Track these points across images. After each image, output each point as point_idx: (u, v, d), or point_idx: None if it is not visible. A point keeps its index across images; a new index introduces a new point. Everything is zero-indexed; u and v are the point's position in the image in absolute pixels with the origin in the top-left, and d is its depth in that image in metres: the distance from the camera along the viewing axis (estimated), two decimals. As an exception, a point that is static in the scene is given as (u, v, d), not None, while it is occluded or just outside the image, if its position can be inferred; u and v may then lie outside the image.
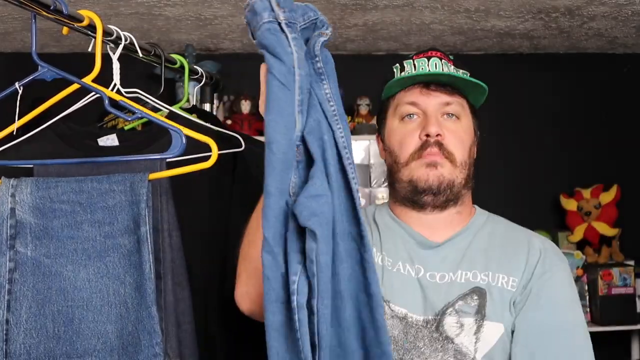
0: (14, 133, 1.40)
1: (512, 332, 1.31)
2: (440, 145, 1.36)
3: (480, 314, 1.31)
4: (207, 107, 2.43)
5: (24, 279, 1.25)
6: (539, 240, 1.41)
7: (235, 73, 3.62)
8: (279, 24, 1.00)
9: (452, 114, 1.39)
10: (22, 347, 1.22)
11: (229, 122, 3.45)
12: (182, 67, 1.76)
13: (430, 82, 1.39)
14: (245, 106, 3.57)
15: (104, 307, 1.24)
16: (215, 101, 2.46)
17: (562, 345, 1.30)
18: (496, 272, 1.35)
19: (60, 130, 1.46)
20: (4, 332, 1.23)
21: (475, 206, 1.48)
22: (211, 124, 1.59)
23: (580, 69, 3.88)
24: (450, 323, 1.30)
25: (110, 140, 1.47)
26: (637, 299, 3.43)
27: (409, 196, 1.39)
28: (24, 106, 1.36)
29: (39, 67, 1.34)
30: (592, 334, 1.37)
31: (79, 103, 1.45)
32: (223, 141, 1.41)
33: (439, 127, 1.36)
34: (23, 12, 1.28)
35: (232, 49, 3.70)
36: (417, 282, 1.34)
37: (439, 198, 1.37)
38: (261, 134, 3.46)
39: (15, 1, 1.17)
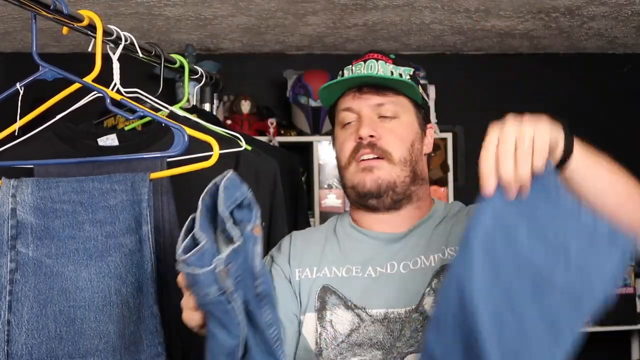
0: (16, 133, 1.40)
1: None
2: (373, 145, 1.36)
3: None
4: (207, 107, 2.42)
5: (25, 279, 1.25)
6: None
7: (235, 73, 3.63)
8: (226, 296, 0.99)
9: (387, 116, 1.39)
10: (24, 348, 1.22)
11: (229, 122, 3.45)
12: (182, 67, 1.76)
13: (363, 85, 1.40)
14: (245, 106, 3.57)
15: (106, 306, 1.24)
16: (215, 101, 2.46)
17: None
18: (450, 245, 1.35)
19: (60, 131, 1.46)
20: (6, 332, 1.22)
21: (434, 198, 1.49)
22: (211, 124, 1.59)
23: (580, 69, 3.88)
24: (429, 303, 1.30)
25: (110, 140, 1.47)
26: (637, 299, 3.43)
27: (357, 200, 1.41)
28: (24, 106, 1.36)
29: (40, 67, 1.34)
30: (592, 334, 1.38)
31: (79, 103, 1.45)
32: (224, 141, 1.41)
33: (372, 129, 1.36)
34: (23, 12, 1.28)
35: (232, 49, 3.70)
36: (390, 277, 1.34)
37: (383, 200, 1.37)
38: (261, 134, 3.46)
39: (15, 1, 1.17)
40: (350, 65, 1.44)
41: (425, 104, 1.46)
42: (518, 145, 1.01)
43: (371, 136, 1.36)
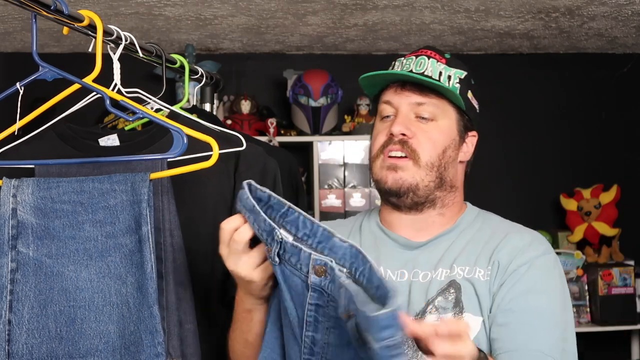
0: (16, 133, 1.40)
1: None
2: (404, 143, 1.35)
3: (458, 307, 1.30)
4: (207, 107, 2.42)
5: (25, 279, 1.25)
6: (519, 235, 1.37)
7: (235, 73, 3.63)
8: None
9: (425, 117, 1.37)
10: (25, 348, 1.22)
11: (229, 122, 3.45)
12: (182, 67, 1.76)
13: (406, 82, 1.38)
14: (245, 106, 3.57)
15: (106, 307, 1.24)
16: (215, 101, 2.46)
17: (526, 324, 1.25)
18: (474, 265, 1.33)
19: (61, 131, 1.45)
20: (7, 332, 1.22)
21: (467, 203, 1.47)
22: (212, 124, 1.59)
23: (580, 69, 3.88)
24: (431, 320, 1.29)
25: (111, 140, 1.47)
26: (637, 299, 3.43)
27: (381, 195, 1.42)
28: (24, 106, 1.35)
29: (40, 67, 1.34)
30: (592, 334, 1.37)
31: (80, 103, 1.45)
32: (224, 141, 1.41)
33: (405, 127, 1.35)
34: (23, 12, 1.29)
35: (232, 49, 3.70)
36: (399, 286, 1.32)
37: (403, 200, 1.36)
38: (261, 134, 3.46)
39: (16, 1, 1.17)
40: (402, 58, 1.42)
41: (471, 110, 1.43)
42: None
43: (403, 134, 1.35)
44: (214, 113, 2.40)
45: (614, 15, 3.10)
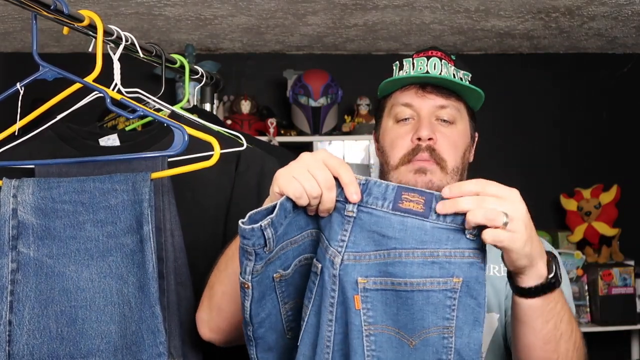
0: (16, 133, 1.40)
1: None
2: (432, 150, 1.33)
3: None
4: (207, 107, 2.43)
5: (26, 279, 1.25)
6: None
7: (235, 73, 3.63)
8: None
9: (447, 120, 1.36)
10: (26, 348, 1.22)
11: (229, 122, 3.45)
12: (182, 67, 1.76)
13: (427, 84, 1.36)
14: (245, 106, 3.57)
15: (107, 306, 1.23)
16: (215, 101, 2.46)
17: None
18: (489, 262, 1.33)
19: (61, 131, 1.45)
20: (7, 333, 1.22)
21: None
22: (212, 124, 1.59)
23: (580, 69, 3.88)
24: None
25: (111, 140, 1.47)
26: (637, 299, 3.43)
27: None
28: (24, 106, 1.35)
29: (40, 67, 1.34)
30: (592, 334, 1.38)
31: (80, 103, 1.44)
32: (224, 141, 1.41)
33: (432, 131, 1.33)
34: (23, 12, 1.29)
35: (232, 49, 3.70)
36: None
37: None
38: (261, 134, 3.46)
39: (16, 1, 1.17)
40: (411, 59, 1.39)
41: (475, 113, 1.44)
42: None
43: (430, 139, 1.33)
44: (214, 113, 2.40)
45: (614, 15, 3.10)
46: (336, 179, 1.04)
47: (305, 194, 1.02)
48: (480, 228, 1.01)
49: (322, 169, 1.03)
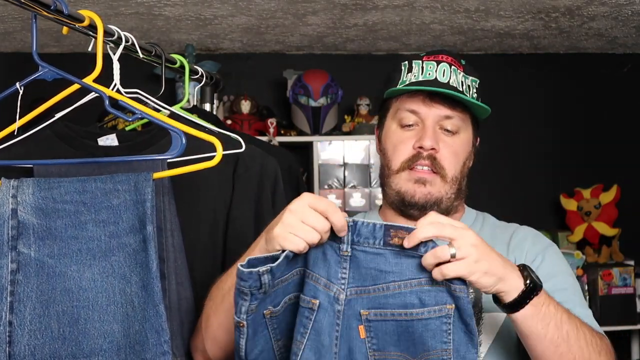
0: (15, 133, 1.39)
1: None
2: (433, 159, 1.34)
3: (477, 306, 1.31)
4: (207, 107, 2.42)
5: (27, 280, 1.24)
6: (522, 231, 1.43)
7: (235, 73, 3.62)
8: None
9: (449, 129, 1.36)
10: (27, 349, 1.22)
11: (229, 122, 3.45)
12: (182, 67, 1.76)
13: (435, 94, 1.36)
14: (245, 106, 3.56)
15: (110, 306, 1.23)
16: (215, 101, 2.45)
17: (564, 302, 1.26)
18: None
19: (60, 130, 1.45)
20: (7, 334, 1.22)
21: (465, 206, 1.47)
22: (212, 125, 1.58)
23: (580, 69, 3.88)
24: None
25: (109, 140, 1.46)
26: (637, 299, 3.43)
27: (397, 205, 1.39)
28: (23, 106, 1.35)
29: (40, 67, 1.34)
30: (593, 334, 1.39)
31: (78, 103, 1.44)
32: (224, 142, 1.41)
33: (435, 141, 1.34)
34: (23, 12, 1.28)
35: (232, 49, 3.70)
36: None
37: (425, 213, 1.35)
38: (261, 134, 3.46)
39: (16, 1, 1.17)
40: (420, 61, 1.39)
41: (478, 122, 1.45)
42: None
43: (432, 149, 1.34)
44: (214, 113, 2.39)
45: (614, 15, 3.10)
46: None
47: (308, 245, 1.08)
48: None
49: (314, 216, 1.08)
